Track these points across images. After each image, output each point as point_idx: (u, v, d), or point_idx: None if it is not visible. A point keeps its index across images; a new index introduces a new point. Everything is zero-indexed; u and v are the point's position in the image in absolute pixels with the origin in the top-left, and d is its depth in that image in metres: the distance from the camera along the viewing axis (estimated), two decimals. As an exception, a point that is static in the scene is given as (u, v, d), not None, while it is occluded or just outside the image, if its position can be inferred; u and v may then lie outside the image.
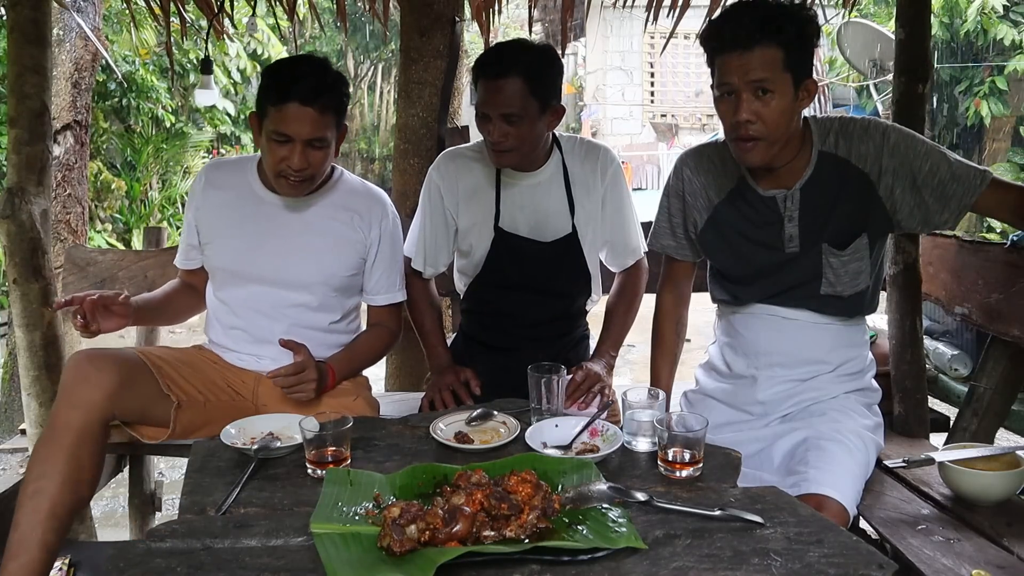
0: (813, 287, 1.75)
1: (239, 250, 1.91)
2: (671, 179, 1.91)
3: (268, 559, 1.13)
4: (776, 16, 1.56)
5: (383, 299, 2.03)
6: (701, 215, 1.85)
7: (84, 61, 3.97)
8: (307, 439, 1.41)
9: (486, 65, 1.89)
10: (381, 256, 1.99)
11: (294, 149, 1.76)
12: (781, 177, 1.72)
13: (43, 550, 1.49)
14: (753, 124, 1.59)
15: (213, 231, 1.95)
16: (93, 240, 7.43)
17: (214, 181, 1.98)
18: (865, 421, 1.76)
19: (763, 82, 1.56)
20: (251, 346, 1.95)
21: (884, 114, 9.64)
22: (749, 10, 1.58)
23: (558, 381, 1.65)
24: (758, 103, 1.58)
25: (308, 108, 1.73)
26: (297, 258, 1.91)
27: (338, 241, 1.94)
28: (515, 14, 12.49)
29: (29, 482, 1.55)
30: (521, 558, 1.10)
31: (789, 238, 1.74)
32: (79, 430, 1.59)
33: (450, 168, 2.09)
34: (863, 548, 1.13)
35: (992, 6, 8.90)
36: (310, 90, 1.73)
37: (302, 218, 1.93)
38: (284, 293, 1.92)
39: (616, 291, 2.21)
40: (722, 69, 1.60)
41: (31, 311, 2.33)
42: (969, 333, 2.82)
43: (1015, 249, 1.98)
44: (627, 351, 5.71)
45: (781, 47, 1.56)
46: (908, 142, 1.67)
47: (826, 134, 1.71)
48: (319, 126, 1.76)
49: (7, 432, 4.23)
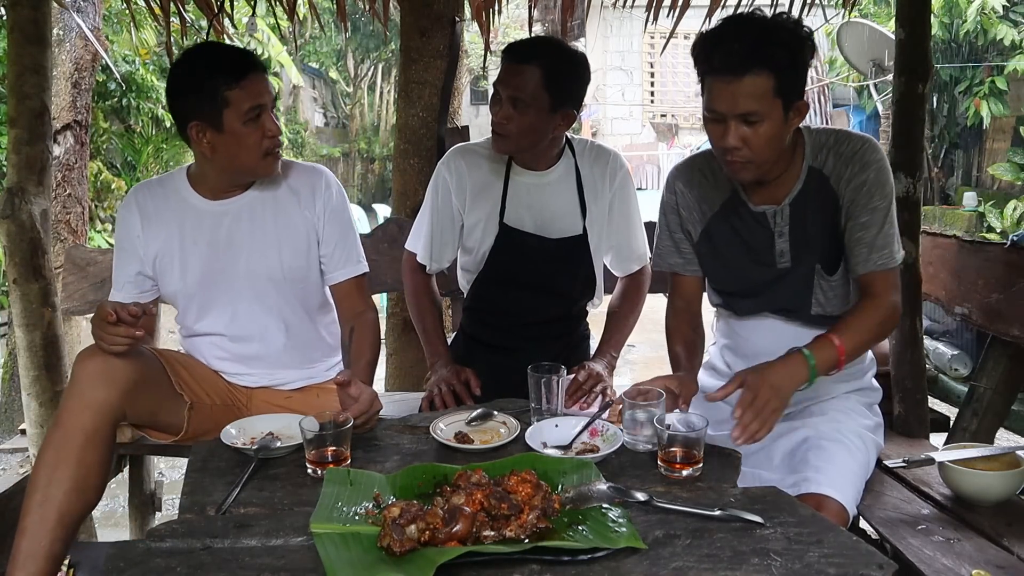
0: (804, 308, 1.75)
1: (201, 268, 1.85)
2: (665, 195, 1.87)
3: (268, 559, 1.13)
4: (768, 42, 1.50)
5: (342, 273, 1.94)
6: (696, 228, 1.82)
7: (84, 61, 3.96)
8: (307, 439, 1.41)
9: (514, 48, 1.92)
10: (329, 229, 1.91)
11: (267, 116, 1.75)
12: (772, 191, 1.70)
13: (49, 560, 1.47)
14: (740, 150, 1.56)
15: (166, 258, 1.86)
16: (93, 240, 7.42)
17: (147, 207, 1.86)
18: (865, 421, 1.76)
19: (751, 113, 1.52)
20: (237, 365, 1.93)
21: (884, 114, 9.66)
22: (740, 34, 1.52)
23: (558, 381, 1.65)
24: (746, 129, 1.54)
25: (263, 74, 1.75)
26: (259, 258, 1.85)
27: (287, 227, 1.88)
28: (515, 14, 12.48)
29: (37, 489, 1.50)
30: (521, 558, 1.10)
31: (780, 253, 1.72)
32: (89, 432, 1.54)
33: (460, 163, 2.09)
34: (863, 548, 1.13)
35: (992, 6, 8.91)
36: (255, 59, 1.75)
37: (248, 217, 1.86)
38: (259, 300, 1.87)
39: (619, 293, 2.21)
40: (711, 93, 1.55)
41: (31, 311, 2.33)
42: (969, 333, 2.82)
43: (1015, 249, 1.98)
44: (627, 351, 5.70)
45: (772, 73, 1.50)
46: (874, 188, 1.63)
47: (819, 149, 1.68)
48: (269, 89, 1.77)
49: (7, 432, 4.23)
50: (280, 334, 1.91)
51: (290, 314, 1.92)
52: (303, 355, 1.96)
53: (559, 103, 1.90)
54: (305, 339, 1.96)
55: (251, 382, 1.93)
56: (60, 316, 2.42)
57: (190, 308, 1.90)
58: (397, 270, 2.21)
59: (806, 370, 1.52)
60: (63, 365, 2.41)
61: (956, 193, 10.40)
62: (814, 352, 1.54)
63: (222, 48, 1.79)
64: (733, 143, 1.55)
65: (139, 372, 1.64)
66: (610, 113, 15.45)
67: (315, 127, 18.24)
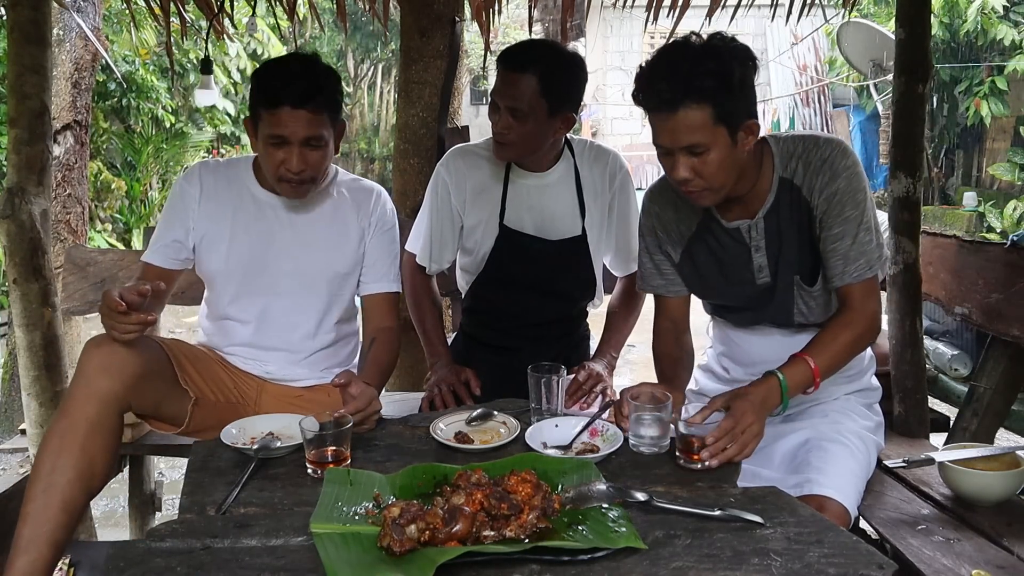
0: (788, 319, 1.74)
1: (247, 255, 1.88)
2: (642, 218, 1.85)
3: (268, 559, 1.13)
4: (696, 74, 1.45)
5: (377, 286, 1.98)
6: (675, 249, 1.80)
7: (84, 61, 3.96)
8: (307, 439, 1.41)
9: (509, 56, 1.90)
10: (374, 242, 1.96)
11: (291, 151, 1.73)
12: (743, 207, 1.67)
13: (52, 547, 1.46)
14: (692, 180, 1.54)
15: (215, 238, 1.89)
16: (93, 240, 7.43)
17: (209, 185, 1.91)
18: (865, 422, 1.76)
19: (694, 146, 1.49)
20: (257, 352, 1.94)
21: (884, 114, 9.66)
22: (669, 70, 1.48)
23: (558, 381, 1.65)
24: (694, 159, 1.51)
25: (301, 110, 1.70)
26: (305, 258, 1.89)
27: (341, 234, 1.93)
28: (515, 14, 12.49)
29: (41, 476, 1.50)
30: (521, 558, 1.10)
31: (759, 268, 1.70)
32: (94, 421, 1.53)
33: (459, 165, 2.09)
34: (863, 548, 1.13)
35: (992, 6, 8.91)
36: (301, 92, 1.70)
37: (304, 217, 1.91)
38: (295, 296, 1.90)
39: (619, 294, 2.21)
40: (653, 129, 1.53)
41: (31, 311, 2.33)
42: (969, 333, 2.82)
43: (1015, 249, 1.98)
44: (627, 351, 5.69)
45: (708, 103, 1.46)
46: (846, 197, 1.60)
47: (788, 159, 1.65)
48: (314, 126, 1.73)
49: (7, 432, 4.23)
50: (307, 333, 1.93)
51: (321, 316, 1.94)
52: (324, 356, 1.97)
53: (557, 108, 1.90)
54: (329, 341, 1.96)
55: (266, 373, 1.94)
56: (60, 316, 2.42)
57: (226, 291, 1.92)
58: (397, 270, 2.22)
59: (779, 395, 1.53)
60: (63, 365, 2.41)
61: (956, 193, 10.41)
62: (787, 376, 1.54)
63: (294, 68, 1.74)
64: (684, 175, 1.53)
65: (145, 364, 1.64)
66: (610, 113, 15.45)
67: (315, 127, 18.18)
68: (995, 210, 9.06)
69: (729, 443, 1.43)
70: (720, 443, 1.42)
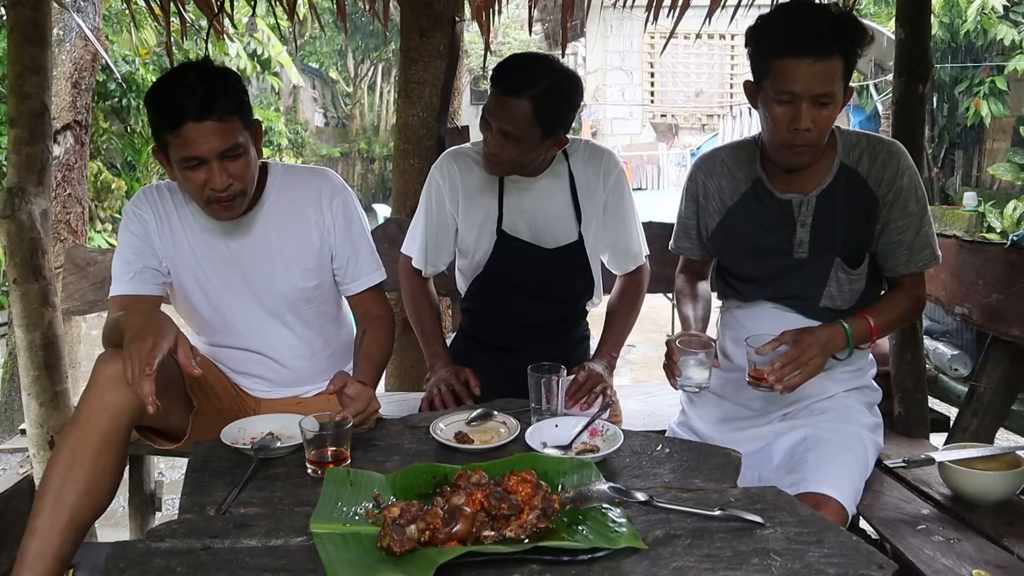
0: (813, 298, 1.76)
1: (219, 284, 1.81)
2: (687, 183, 1.94)
3: (268, 559, 1.13)
4: (845, 27, 1.54)
5: (358, 285, 1.90)
6: (713, 218, 1.86)
7: (84, 61, 3.96)
8: (307, 439, 1.41)
9: (503, 77, 1.84)
10: (341, 241, 1.86)
11: (211, 169, 1.59)
12: (801, 181, 1.73)
13: (57, 562, 1.44)
14: (810, 132, 1.58)
15: (183, 271, 1.79)
16: (93, 240, 7.43)
17: (160, 211, 1.77)
18: (865, 421, 1.77)
19: (826, 95, 1.56)
20: (254, 380, 1.92)
21: (884, 114, 9.66)
22: (823, 17, 1.54)
23: (558, 381, 1.65)
24: (817, 112, 1.57)
25: (207, 122, 1.55)
26: (266, 284, 1.82)
27: (298, 245, 1.83)
28: (515, 14, 12.50)
29: (50, 490, 1.47)
30: (521, 558, 1.10)
31: (799, 243, 1.75)
32: (106, 435, 1.50)
33: (452, 168, 2.08)
34: (863, 548, 1.13)
35: (992, 6, 8.92)
36: (201, 102, 1.55)
37: (256, 236, 1.80)
38: (271, 324, 1.85)
39: (618, 293, 2.21)
40: (786, 75, 1.54)
41: (31, 311, 2.32)
42: (969, 333, 2.82)
43: (1015, 249, 1.98)
44: (627, 351, 5.70)
45: (844, 58, 1.55)
46: (909, 193, 1.70)
47: (851, 148, 1.72)
48: (226, 135, 1.58)
49: (7, 432, 4.23)
50: (300, 352, 1.90)
51: (309, 331, 1.91)
52: (323, 367, 1.94)
53: (550, 132, 1.88)
54: (325, 352, 1.95)
55: (267, 395, 1.92)
56: (60, 316, 2.42)
57: (203, 332, 1.89)
58: (396, 271, 2.21)
59: (845, 338, 1.66)
60: (63, 365, 2.41)
61: (956, 193, 10.41)
62: (851, 325, 1.67)
63: (188, 79, 1.57)
64: (807, 125, 1.57)
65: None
66: (610, 113, 15.46)
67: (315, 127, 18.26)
68: (995, 210, 9.07)
69: (794, 370, 1.56)
70: (786, 369, 1.56)
